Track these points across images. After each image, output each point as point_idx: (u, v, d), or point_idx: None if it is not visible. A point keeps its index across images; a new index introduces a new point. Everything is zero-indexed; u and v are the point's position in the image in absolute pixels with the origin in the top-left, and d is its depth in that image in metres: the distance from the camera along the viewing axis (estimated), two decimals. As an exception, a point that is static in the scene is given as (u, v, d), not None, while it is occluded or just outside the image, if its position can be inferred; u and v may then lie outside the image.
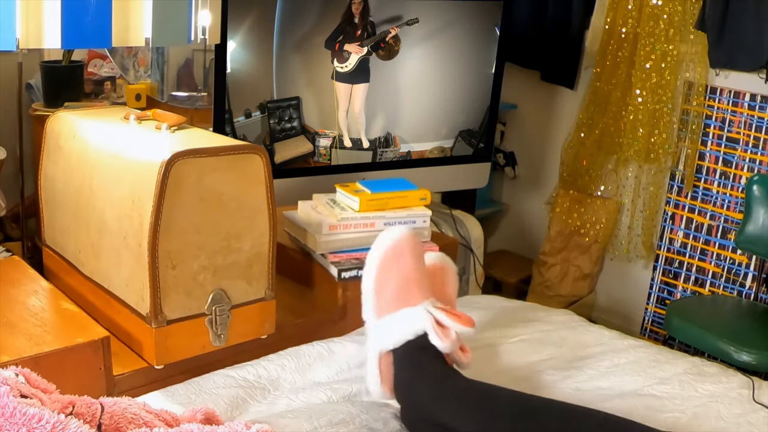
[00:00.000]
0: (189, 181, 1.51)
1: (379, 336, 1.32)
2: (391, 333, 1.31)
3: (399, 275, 1.34)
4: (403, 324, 1.30)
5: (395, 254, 1.34)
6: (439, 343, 1.28)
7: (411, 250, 1.36)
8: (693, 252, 3.15)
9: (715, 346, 2.46)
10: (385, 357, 1.32)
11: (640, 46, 3.05)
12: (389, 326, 1.31)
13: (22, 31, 1.62)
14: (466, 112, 2.71)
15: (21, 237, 2.13)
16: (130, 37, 1.78)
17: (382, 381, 1.32)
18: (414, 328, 1.30)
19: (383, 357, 1.32)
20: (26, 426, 0.90)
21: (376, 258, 1.35)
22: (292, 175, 2.36)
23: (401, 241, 1.35)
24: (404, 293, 1.33)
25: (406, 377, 1.29)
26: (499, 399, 1.23)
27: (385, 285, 1.34)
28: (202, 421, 1.17)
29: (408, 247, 1.35)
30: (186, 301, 1.57)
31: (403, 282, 1.33)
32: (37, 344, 1.43)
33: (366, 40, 2.39)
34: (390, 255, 1.34)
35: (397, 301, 1.32)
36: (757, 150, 2.95)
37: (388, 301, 1.33)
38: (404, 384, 1.29)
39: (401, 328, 1.30)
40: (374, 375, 1.32)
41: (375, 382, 1.32)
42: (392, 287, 1.33)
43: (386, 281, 1.34)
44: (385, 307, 1.33)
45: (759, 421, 1.42)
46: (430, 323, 1.30)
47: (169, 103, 2.36)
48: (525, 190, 3.73)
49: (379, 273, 1.34)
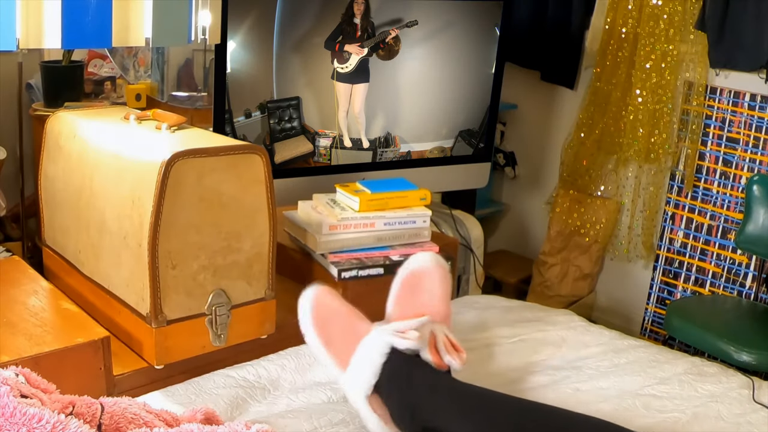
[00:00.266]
0: (189, 181, 1.51)
1: (356, 381, 1.30)
2: (364, 369, 1.29)
3: (337, 322, 1.36)
4: (368, 353, 1.30)
5: (322, 308, 1.36)
6: (408, 343, 1.28)
7: (332, 297, 1.38)
8: (693, 252, 3.15)
9: (715, 346, 2.46)
10: (374, 399, 1.30)
11: (640, 46, 3.05)
12: (359, 365, 1.30)
13: (22, 31, 1.62)
14: (466, 112, 2.71)
15: (21, 237, 2.13)
16: (130, 37, 1.78)
17: (384, 423, 1.30)
18: (378, 348, 1.29)
19: (371, 400, 1.30)
20: (26, 426, 0.90)
21: (308, 320, 1.36)
22: (292, 175, 2.36)
23: (319, 295, 1.38)
24: (352, 332, 1.34)
25: (396, 401, 1.28)
26: (494, 402, 1.23)
27: (331, 338, 1.35)
28: (202, 421, 1.17)
29: (327, 296, 1.38)
30: (186, 301, 1.57)
31: (345, 324, 1.35)
32: (37, 344, 1.42)
33: (366, 41, 2.39)
34: (318, 311, 1.36)
35: (350, 343, 1.33)
36: (757, 150, 2.95)
37: (342, 349, 1.33)
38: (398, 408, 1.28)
39: (369, 357, 1.29)
40: (374, 420, 1.30)
41: (378, 427, 1.30)
42: (338, 335, 1.34)
43: (330, 335, 1.35)
44: (343, 355, 1.33)
45: (759, 421, 1.42)
46: (390, 334, 1.30)
47: (169, 103, 2.36)
48: (525, 190, 3.73)
49: (319, 332, 1.35)
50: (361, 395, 1.30)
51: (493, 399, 1.25)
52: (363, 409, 1.31)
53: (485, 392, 1.27)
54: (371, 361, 1.29)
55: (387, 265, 2.00)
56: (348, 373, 1.32)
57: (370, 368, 1.28)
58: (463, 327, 1.72)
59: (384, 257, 2.04)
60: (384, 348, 1.29)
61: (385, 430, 1.30)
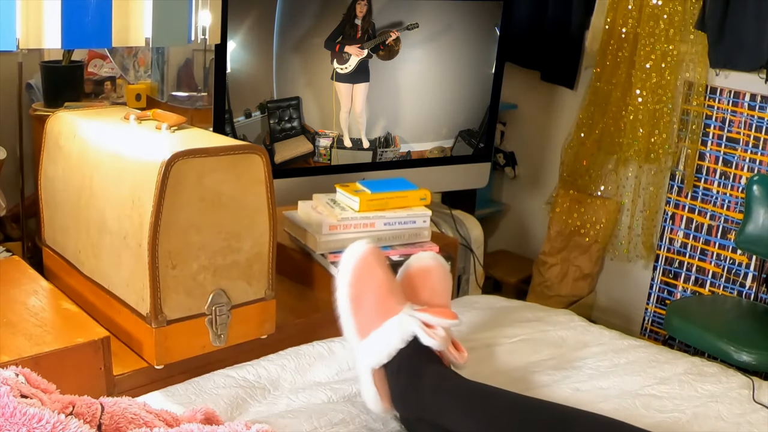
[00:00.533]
0: (189, 181, 1.51)
1: (368, 354, 1.30)
2: (381, 348, 1.29)
3: (373, 290, 1.32)
4: (391, 335, 1.29)
5: (364, 269, 1.32)
6: (432, 342, 1.28)
7: (378, 262, 1.34)
8: (693, 252, 3.15)
9: (715, 346, 2.46)
10: (378, 373, 1.30)
11: (640, 46, 3.05)
12: (377, 342, 1.30)
13: (22, 31, 1.62)
14: (466, 112, 2.71)
15: (21, 237, 2.13)
16: (130, 37, 1.78)
17: (381, 397, 1.30)
18: (403, 335, 1.28)
19: (376, 373, 1.30)
20: (26, 426, 0.90)
21: (347, 277, 1.31)
22: (292, 175, 2.36)
23: (367, 254, 1.33)
24: (383, 306, 1.31)
25: (403, 385, 1.28)
26: (498, 399, 1.23)
27: (362, 303, 1.31)
28: (202, 421, 1.17)
29: (375, 259, 1.33)
30: (186, 301, 1.57)
31: (379, 295, 1.31)
32: (37, 344, 1.42)
33: (366, 42, 2.39)
34: (360, 271, 1.32)
35: (377, 316, 1.30)
36: (757, 150, 2.95)
37: (368, 318, 1.31)
38: (402, 392, 1.29)
39: (390, 339, 1.29)
40: (371, 393, 1.30)
41: (374, 400, 1.31)
42: (369, 304, 1.31)
43: (361, 299, 1.32)
44: (367, 325, 1.31)
45: (759, 421, 1.42)
46: (418, 325, 1.29)
47: (169, 103, 2.36)
48: (525, 190, 3.73)
49: (353, 292, 1.31)
50: (368, 367, 1.30)
51: (496, 396, 1.25)
52: (365, 379, 1.31)
53: (488, 389, 1.27)
54: (391, 343, 1.28)
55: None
56: (364, 344, 1.31)
57: (387, 349, 1.28)
58: (463, 327, 1.72)
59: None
60: (407, 336, 1.28)
61: (379, 404, 1.31)
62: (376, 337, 1.30)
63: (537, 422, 1.18)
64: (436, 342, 1.28)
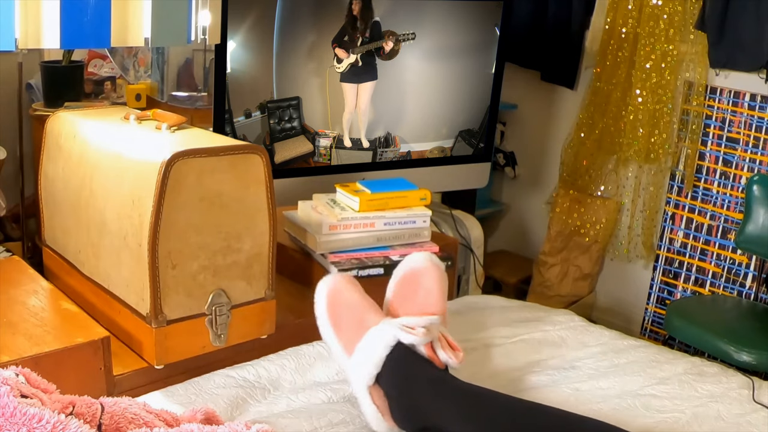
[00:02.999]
0: (189, 181, 1.51)
1: (358, 369, 1.31)
2: (367, 357, 1.30)
3: (350, 309, 1.38)
4: (374, 343, 1.30)
5: (337, 294, 1.39)
6: (413, 339, 1.29)
7: (350, 286, 1.41)
8: (693, 252, 3.15)
9: (715, 346, 2.46)
10: (375, 390, 1.30)
11: (640, 46, 3.05)
12: (362, 353, 1.31)
13: (22, 31, 1.62)
14: (466, 112, 2.71)
15: (21, 237, 2.13)
16: (130, 37, 1.78)
17: (382, 414, 1.30)
18: (385, 340, 1.30)
19: (373, 391, 1.30)
20: (26, 426, 0.90)
21: (323, 304, 1.38)
22: (292, 175, 2.36)
23: (338, 281, 1.41)
24: (362, 322, 1.35)
25: (399, 395, 1.28)
26: (495, 402, 1.23)
27: (341, 324, 1.37)
28: (202, 421, 1.17)
29: (346, 284, 1.41)
30: (186, 301, 1.57)
31: (356, 313, 1.37)
32: (37, 344, 1.42)
33: (358, 47, 2.38)
34: (333, 296, 1.39)
35: (358, 330, 1.34)
36: (757, 150, 2.95)
37: (350, 335, 1.35)
38: (400, 404, 1.28)
39: (374, 347, 1.30)
40: (372, 411, 1.30)
41: (375, 418, 1.30)
42: (349, 322, 1.36)
43: (340, 320, 1.37)
44: (350, 341, 1.34)
45: (759, 421, 1.42)
46: (396, 327, 1.30)
47: (169, 103, 2.36)
48: (525, 190, 3.73)
49: (331, 316, 1.37)
50: (363, 384, 1.31)
51: (493, 399, 1.25)
52: (363, 398, 1.31)
53: (486, 392, 1.27)
54: (375, 351, 1.29)
55: (387, 265, 2.00)
56: (352, 360, 1.33)
57: (373, 358, 1.29)
58: (463, 327, 1.71)
59: (384, 257, 2.04)
60: (390, 340, 1.30)
61: (382, 422, 1.30)
62: (361, 349, 1.32)
63: (536, 425, 1.18)
64: (416, 338, 1.29)
